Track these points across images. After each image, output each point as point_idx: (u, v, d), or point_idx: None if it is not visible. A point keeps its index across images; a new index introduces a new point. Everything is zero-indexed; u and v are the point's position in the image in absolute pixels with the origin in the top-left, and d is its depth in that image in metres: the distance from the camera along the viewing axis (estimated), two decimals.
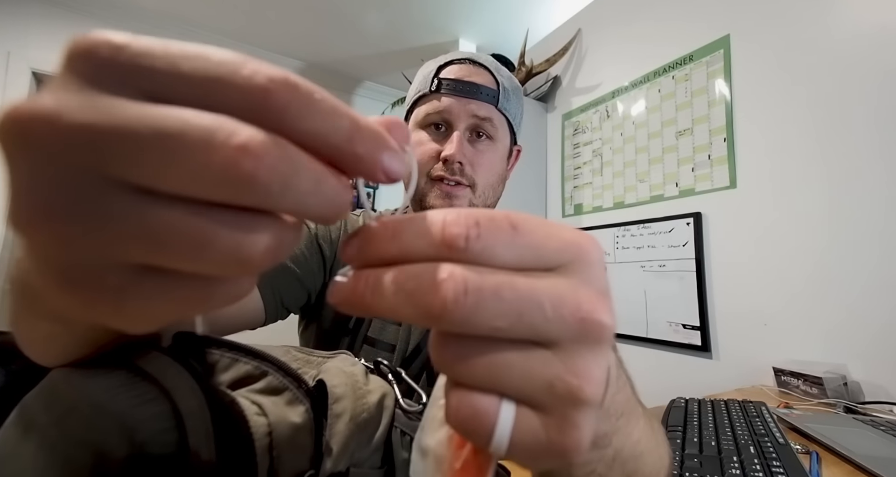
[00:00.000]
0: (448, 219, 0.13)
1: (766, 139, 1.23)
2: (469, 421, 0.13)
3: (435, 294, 0.12)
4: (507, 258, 0.13)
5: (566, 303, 0.13)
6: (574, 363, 0.13)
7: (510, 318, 0.12)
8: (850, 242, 1.03)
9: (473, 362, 0.13)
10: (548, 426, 0.13)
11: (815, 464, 0.54)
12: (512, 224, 0.14)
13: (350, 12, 2.26)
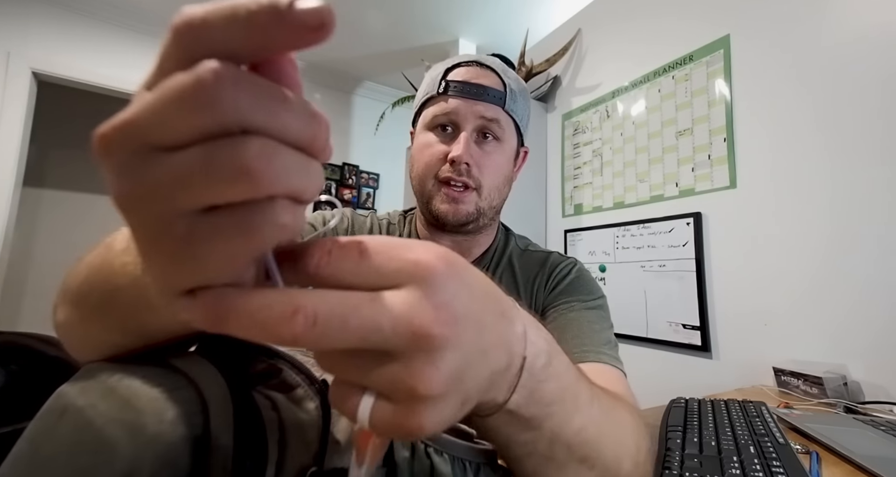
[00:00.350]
0: (312, 248, 0.16)
1: (766, 139, 1.23)
2: (340, 404, 0.17)
3: (285, 327, 0.14)
4: (354, 281, 0.16)
5: (401, 321, 0.16)
6: (411, 367, 0.16)
7: (355, 340, 0.15)
8: (850, 241, 1.03)
9: (337, 367, 0.17)
10: (396, 412, 0.17)
11: (815, 464, 0.54)
12: (359, 250, 0.16)
13: (350, 12, 2.26)
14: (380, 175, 3.13)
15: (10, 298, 2.42)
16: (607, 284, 1.60)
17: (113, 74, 2.29)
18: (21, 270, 2.60)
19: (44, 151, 2.74)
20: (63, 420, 0.20)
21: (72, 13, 2.23)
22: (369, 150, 3.10)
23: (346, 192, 2.99)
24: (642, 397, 0.49)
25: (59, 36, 2.20)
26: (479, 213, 0.58)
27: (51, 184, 2.81)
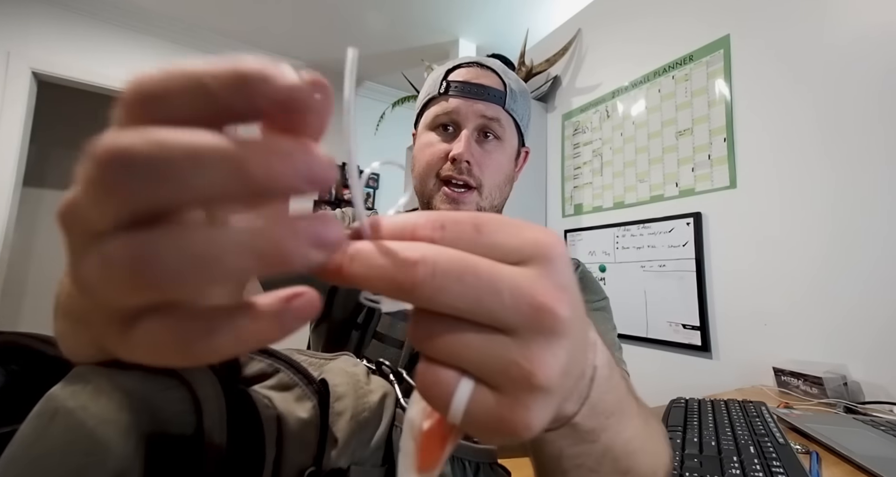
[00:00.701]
0: (421, 221, 0.15)
1: (766, 139, 1.23)
2: (430, 388, 0.14)
3: (407, 272, 0.13)
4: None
5: (523, 292, 0.14)
6: (529, 350, 0.14)
7: (469, 301, 0.14)
8: (850, 241, 1.03)
9: (439, 339, 0.14)
10: (501, 404, 0.14)
11: (815, 464, 0.54)
12: (475, 225, 0.15)
13: (350, 12, 2.26)
14: (380, 175, 3.13)
15: (10, 297, 2.42)
16: (607, 284, 1.60)
17: (113, 74, 2.29)
18: (21, 269, 2.60)
19: (44, 151, 2.74)
20: (55, 422, 0.19)
21: (72, 13, 2.23)
22: (369, 150, 3.10)
23: (346, 192, 2.99)
24: (643, 397, 0.49)
25: (60, 36, 2.20)
26: (479, 211, 0.58)
27: (51, 184, 2.81)
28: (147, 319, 0.12)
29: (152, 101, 0.11)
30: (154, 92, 0.11)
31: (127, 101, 0.11)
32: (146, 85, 0.11)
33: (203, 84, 0.11)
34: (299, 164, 0.11)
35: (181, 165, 0.10)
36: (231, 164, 0.11)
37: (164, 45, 2.45)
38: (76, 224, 0.12)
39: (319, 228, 0.12)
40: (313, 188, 0.12)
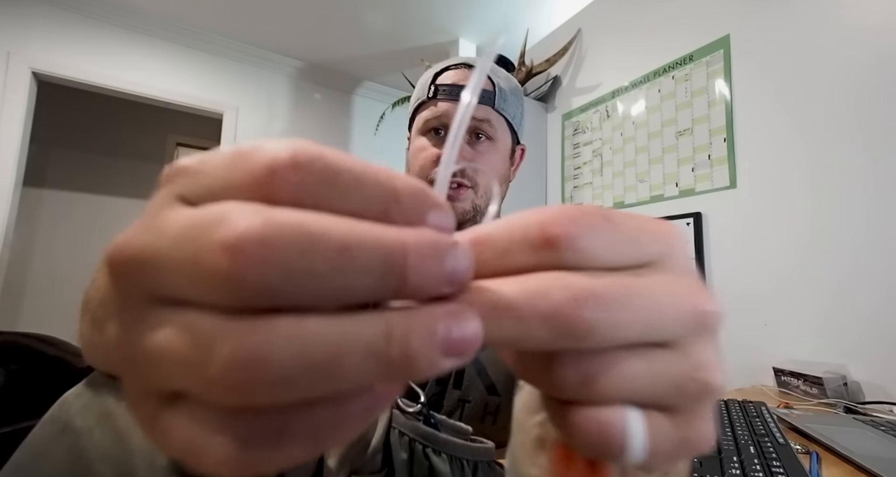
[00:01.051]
0: (545, 220, 0.12)
1: (766, 139, 1.23)
2: (599, 438, 0.12)
3: (575, 314, 0.11)
4: (607, 256, 0.12)
5: (682, 300, 0.12)
6: (697, 358, 0.13)
7: (638, 326, 0.12)
8: (850, 241, 1.03)
9: (600, 378, 0.12)
10: (679, 425, 0.13)
11: (815, 464, 0.54)
12: (605, 217, 0.13)
13: (350, 12, 2.26)
14: None
15: (10, 297, 2.42)
16: None
17: (113, 74, 2.29)
18: (21, 269, 2.60)
19: (44, 151, 2.74)
20: (62, 439, 0.20)
21: (72, 13, 2.23)
22: (369, 150, 3.09)
23: None
24: None
25: (60, 36, 2.20)
26: (475, 211, 0.58)
27: (51, 184, 2.81)
28: (193, 405, 0.10)
29: (306, 182, 0.10)
30: (312, 170, 0.10)
31: (271, 169, 0.10)
32: (303, 157, 0.10)
33: (361, 186, 0.10)
34: (448, 267, 0.10)
35: (332, 262, 0.09)
36: (388, 266, 0.09)
37: (165, 46, 2.45)
38: (149, 284, 0.10)
39: (455, 331, 0.10)
40: (452, 289, 0.11)
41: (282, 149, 0.10)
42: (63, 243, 2.79)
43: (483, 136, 0.59)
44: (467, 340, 0.10)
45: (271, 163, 0.10)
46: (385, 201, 0.10)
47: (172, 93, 2.45)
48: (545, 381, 0.12)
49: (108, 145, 3.01)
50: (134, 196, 3.07)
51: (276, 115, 2.80)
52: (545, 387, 0.13)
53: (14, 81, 2.08)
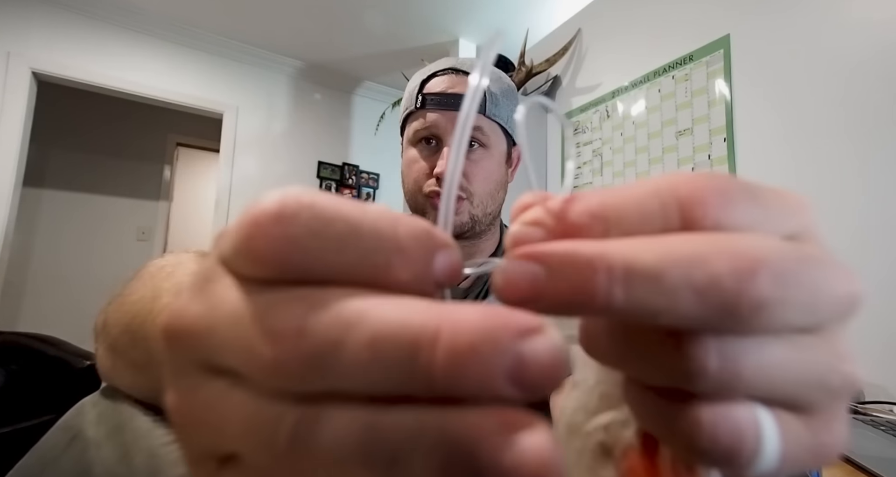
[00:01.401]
0: (684, 192, 0.10)
1: (765, 139, 1.23)
2: (730, 442, 0.10)
3: (745, 288, 0.09)
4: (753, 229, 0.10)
5: (836, 277, 0.10)
6: (840, 347, 0.11)
7: (806, 306, 0.09)
8: (849, 241, 1.03)
9: (745, 367, 0.09)
10: (813, 428, 0.11)
11: None
12: (746, 188, 0.11)
13: (350, 12, 2.26)
14: (380, 175, 3.13)
15: (9, 298, 2.42)
16: None
17: (113, 74, 2.29)
18: (21, 270, 2.60)
19: (44, 151, 2.74)
20: (70, 448, 0.20)
21: (72, 13, 2.23)
22: (369, 150, 3.10)
23: (345, 192, 2.99)
24: None
25: (60, 36, 2.20)
26: (473, 221, 0.57)
27: (51, 184, 2.81)
28: (234, 467, 0.10)
29: (291, 235, 0.09)
30: (298, 221, 0.09)
31: (256, 224, 0.09)
32: (289, 208, 0.09)
33: (358, 237, 0.10)
34: (506, 362, 0.08)
35: (359, 359, 0.09)
36: (414, 368, 0.08)
37: (165, 46, 2.45)
38: (205, 354, 0.10)
39: (528, 451, 0.08)
40: (519, 394, 0.09)
41: (270, 200, 0.10)
42: (63, 243, 2.79)
43: (476, 144, 0.56)
44: (541, 454, 0.08)
45: (256, 217, 0.09)
46: (387, 252, 0.09)
47: (172, 93, 2.45)
48: (664, 367, 0.10)
49: (108, 145, 3.01)
50: (134, 196, 3.07)
51: (276, 115, 2.80)
52: (662, 375, 0.10)
53: (14, 81, 2.08)
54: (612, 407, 0.14)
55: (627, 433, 0.13)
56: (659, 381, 0.10)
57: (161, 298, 0.24)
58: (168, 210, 3.21)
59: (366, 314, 0.09)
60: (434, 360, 0.08)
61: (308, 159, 2.89)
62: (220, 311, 0.10)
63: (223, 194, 2.57)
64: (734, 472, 0.10)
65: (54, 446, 0.21)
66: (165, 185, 3.19)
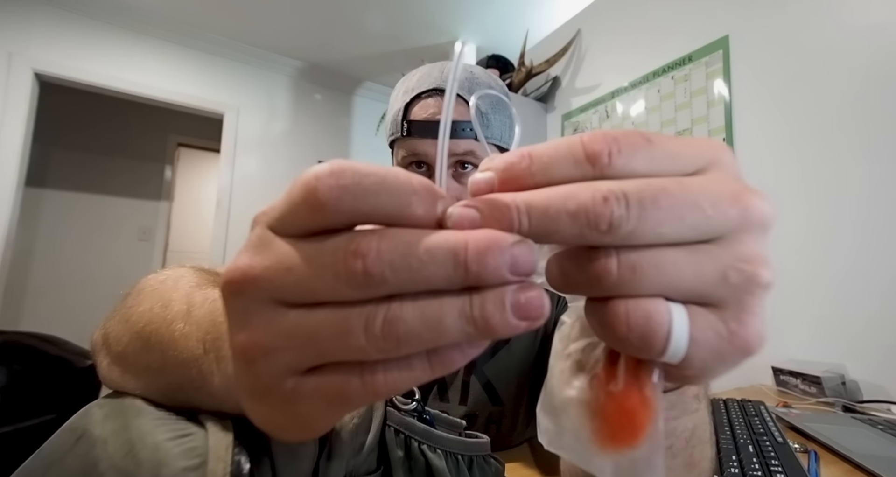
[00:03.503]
0: (586, 139, 0.14)
1: (765, 139, 1.23)
2: (642, 328, 0.13)
3: (600, 210, 0.12)
4: (647, 170, 0.14)
5: (723, 196, 0.13)
6: (743, 251, 0.13)
7: (672, 223, 0.13)
8: (848, 241, 1.03)
9: (643, 271, 0.13)
10: (725, 319, 0.13)
11: (814, 463, 0.54)
12: (645, 138, 0.14)
13: (350, 12, 2.27)
14: None
15: (11, 297, 2.42)
16: None
17: (114, 75, 2.29)
18: (23, 269, 2.61)
19: (45, 152, 2.75)
20: (76, 448, 0.21)
21: (74, 14, 2.23)
22: (369, 150, 3.10)
23: None
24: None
25: (61, 37, 2.20)
26: None
27: (52, 184, 2.82)
28: (317, 374, 0.13)
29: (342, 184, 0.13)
30: (344, 175, 0.13)
31: (316, 178, 0.13)
32: (337, 167, 0.13)
33: (385, 186, 0.13)
34: (507, 259, 0.12)
35: (420, 261, 0.12)
36: (456, 262, 0.12)
37: (165, 46, 2.46)
38: (265, 292, 0.13)
39: (521, 297, 0.13)
40: (517, 278, 0.13)
41: (320, 166, 0.13)
42: (64, 243, 2.79)
43: (470, 166, 0.54)
44: (532, 304, 0.12)
45: (315, 174, 0.13)
46: (408, 194, 0.13)
47: (173, 93, 2.45)
48: (587, 279, 0.13)
49: (109, 145, 3.01)
50: (135, 196, 3.07)
51: (276, 115, 2.80)
52: (587, 286, 0.14)
53: (16, 82, 2.08)
54: (587, 335, 0.17)
55: (597, 352, 0.16)
56: (588, 290, 0.14)
57: (172, 305, 0.24)
58: (169, 210, 3.21)
59: (419, 235, 0.13)
60: (467, 258, 0.12)
61: (308, 159, 2.89)
62: (292, 256, 0.13)
63: (224, 194, 2.58)
64: (655, 354, 0.13)
65: (59, 447, 0.21)
66: (166, 185, 3.20)
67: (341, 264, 0.12)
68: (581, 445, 0.15)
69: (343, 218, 0.13)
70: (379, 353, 0.12)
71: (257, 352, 0.13)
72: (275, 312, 0.13)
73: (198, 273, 0.30)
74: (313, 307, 0.13)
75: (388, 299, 0.12)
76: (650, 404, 0.14)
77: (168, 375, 0.23)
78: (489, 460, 0.32)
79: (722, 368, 0.14)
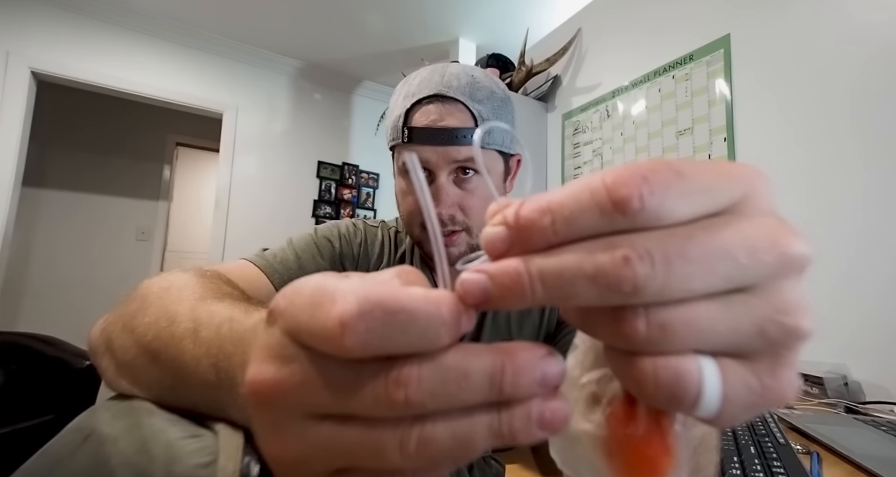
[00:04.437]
0: (609, 182, 0.12)
1: (766, 139, 1.23)
2: (671, 387, 0.12)
3: (622, 274, 0.11)
4: (683, 210, 0.12)
5: (757, 241, 0.12)
6: (782, 300, 0.12)
7: (703, 276, 0.12)
8: (850, 241, 1.03)
9: (672, 327, 0.12)
10: (759, 373, 0.12)
11: (816, 464, 0.54)
12: (676, 172, 0.12)
13: (350, 12, 2.26)
14: (380, 175, 3.13)
15: (9, 298, 2.42)
16: None
17: (113, 74, 2.29)
18: (21, 270, 2.60)
19: (43, 151, 2.74)
20: (84, 446, 0.20)
21: (72, 13, 2.23)
22: (369, 150, 3.09)
23: (345, 191, 2.99)
24: None
25: (59, 36, 2.20)
26: (471, 249, 0.55)
27: (50, 184, 2.81)
28: (349, 475, 0.14)
29: (370, 327, 0.13)
30: (374, 315, 0.13)
31: (342, 323, 0.13)
32: (366, 305, 0.13)
33: (415, 320, 0.13)
34: (538, 377, 0.13)
35: (458, 390, 0.13)
36: (492, 385, 0.13)
37: (165, 45, 2.45)
38: (295, 404, 0.14)
39: (545, 411, 0.13)
40: (546, 391, 0.13)
41: (347, 302, 0.13)
42: (63, 243, 2.79)
43: (471, 172, 0.53)
44: (556, 417, 0.13)
45: (341, 318, 0.12)
46: (438, 327, 0.13)
47: (172, 93, 2.45)
48: (612, 332, 0.13)
49: (107, 145, 3.00)
50: (134, 196, 3.07)
51: (276, 114, 2.80)
52: (612, 338, 0.13)
53: (13, 81, 2.08)
54: (602, 365, 0.17)
55: (614, 385, 0.16)
56: (612, 342, 0.13)
57: (179, 321, 0.24)
58: (168, 210, 3.21)
59: (457, 361, 0.13)
60: (503, 381, 0.13)
61: (308, 159, 2.89)
62: (326, 375, 0.13)
63: (223, 194, 2.57)
64: (685, 411, 0.12)
65: (66, 446, 0.21)
66: (165, 185, 3.19)
67: (382, 392, 0.13)
68: (597, 476, 0.15)
69: (368, 355, 0.13)
70: (411, 467, 0.13)
71: (290, 461, 0.14)
72: (306, 424, 0.14)
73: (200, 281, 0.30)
74: (345, 421, 0.13)
75: (421, 418, 0.13)
76: (672, 452, 0.14)
77: (182, 395, 0.23)
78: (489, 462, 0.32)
79: (750, 416, 0.13)
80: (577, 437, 0.16)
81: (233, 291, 0.32)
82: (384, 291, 0.13)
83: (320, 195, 2.91)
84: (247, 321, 0.22)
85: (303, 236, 0.59)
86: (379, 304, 0.12)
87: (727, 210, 0.13)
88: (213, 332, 0.23)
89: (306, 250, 0.57)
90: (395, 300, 0.13)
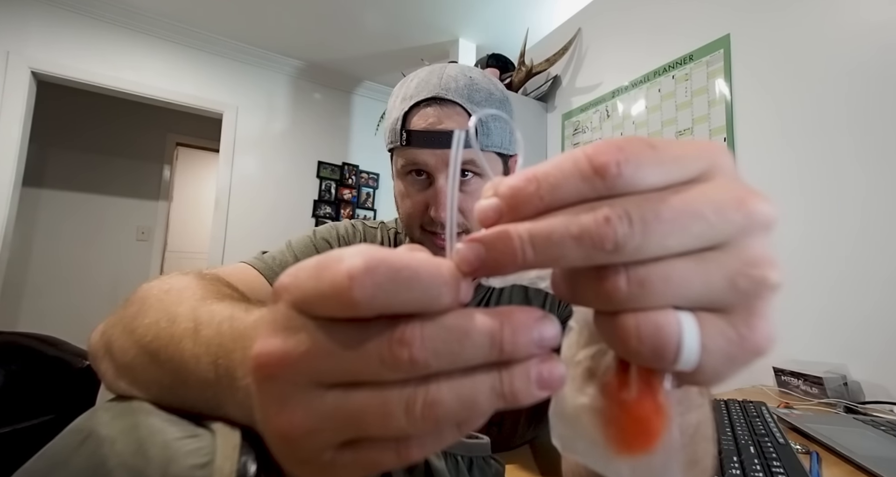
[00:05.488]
0: (590, 152, 0.13)
1: (765, 139, 1.23)
2: (653, 340, 0.13)
3: (604, 232, 0.12)
4: (656, 177, 0.13)
5: (725, 202, 0.13)
6: (750, 255, 0.13)
7: (677, 234, 0.13)
8: (850, 241, 1.03)
9: (649, 283, 0.13)
10: (735, 324, 0.13)
11: (816, 464, 0.54)
12: (649, 144, 0.14)
13: (350, 12, 2.26)
14: (380, 175, 3.13)
15: (9, 297, 2.42)
16: None
17: (113, 74, 2.29)
18: (21, 269, 2.60)
19: (43, 151, 2.74)
20: (82, 448, 0.20)
21: (71, 13, 2.23)
22: (369, 150, 3.09)
23: (345, 191, 2.99)
24: None
25: (59, 35, 2.20)
26: None
27: (50, 184, 2.81)
28: (354, 448, 0.14)
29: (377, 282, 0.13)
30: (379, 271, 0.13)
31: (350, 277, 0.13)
32: (371, 262, 0.13)
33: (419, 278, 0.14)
34: (535, 337, 0.14)
35: (461, 347, 0.13)
36: (493, 344, 0.13)
37: (165, 45, 2.45)
38: (301, 375, 0.14)
39: (543, 371, 0.14)
40: (544, 351, 0.14)
41: (353, 258, 0.13)
42: (62, 243, 2.79)
43: (470, 174, 0.53)
44: (553, 377, 0.14)
45: (348, 272, 0.13)
46: (439, 286, 0.14)
47: (172, 92, 2.45)
48: (596, 295, 0.14)
49: (107, 145, 3.00)
50: (134, 196, 3.07)
51: (275, 114, 2.80)
52: (597, 299, 0.14)
53: (13, 81, 2.08)
54: (596, 342, 0.18)
55: (607, 359, 0.17)
56: (597, 305, 0.14)
57: (179, 321, 0.24)
58: (168, 210, 3.21)
59: (458, 321, 0.13)
60: (503, 340, 0.13)
61: (308, 159, 2.89)
62: (332, 342, 0.13)
63: (223, 194, 2.57)
64: (668, 364, 0.13)
65: (64, 447, 0.21)
66: (165, 185, 3.19)
67: (386, 352, 0.13)
68: (597, 450, 0.16)
69: (374, 312, 0.13)
70: (417, 432, 0.13)
71: (297, 433, 0.14)
72: (313, 394, 0.14)
73: (200, 283, 0.30)
74: (351, 387, 0.14)
75: (425, 379, 0.13)
76: (664, 411, 0.14)
77: (181, 395, 0.23)
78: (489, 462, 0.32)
79: (733, 371, 0.14)
80: (576, 414, 0.17)
81: (233, 292, 0.32)
82: (388, 251, 0.13)
83: (320, 195, 2.91)
84: (247, 318, 0.22)
85: (301, 238, 0.59)
86: (384, 261, 0.13)
87: (697, 178, 0.14)
88: (213, 330, 0.23)
89: (305, 252, 0.57)
90: (398, 258, 0.13)
